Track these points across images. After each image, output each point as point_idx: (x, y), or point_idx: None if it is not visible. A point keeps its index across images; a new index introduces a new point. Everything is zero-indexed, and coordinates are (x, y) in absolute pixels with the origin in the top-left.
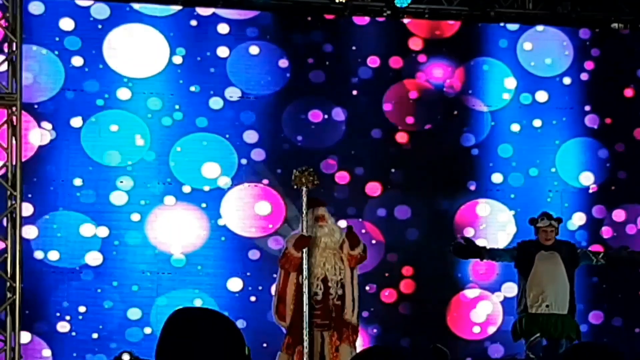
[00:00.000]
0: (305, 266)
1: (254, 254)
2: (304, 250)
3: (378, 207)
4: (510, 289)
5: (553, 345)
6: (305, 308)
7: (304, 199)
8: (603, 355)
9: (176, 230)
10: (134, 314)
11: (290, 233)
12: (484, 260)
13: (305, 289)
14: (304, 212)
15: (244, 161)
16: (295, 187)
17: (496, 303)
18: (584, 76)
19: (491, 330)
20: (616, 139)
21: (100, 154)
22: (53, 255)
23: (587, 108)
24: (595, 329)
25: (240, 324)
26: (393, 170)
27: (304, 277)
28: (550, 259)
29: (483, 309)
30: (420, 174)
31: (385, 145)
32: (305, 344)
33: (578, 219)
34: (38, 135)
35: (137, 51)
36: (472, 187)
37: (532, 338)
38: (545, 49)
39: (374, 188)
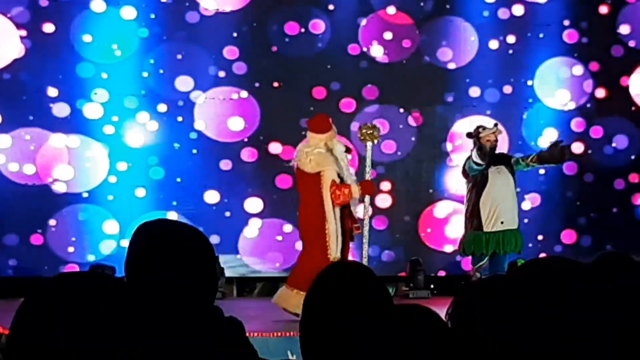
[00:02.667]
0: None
1: (226, 165)
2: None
3: (351, 122)
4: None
5: (498, 261)
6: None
7: (369, 152)
8: (559, 268)
9: (150, 142)
10: (109, 226)
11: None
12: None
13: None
14: (368, 169)
15: (221, 74)
16: (361, 140)
17: None
18: None
19: None
20: (592, 57)
21: (74, 64)
22: (27, 169)
23: (566, 23)
24: (567, 247)
25: (216, 239)
26: (369, 85)
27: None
28: (501, 174)
29: (456, 224)
30: (397, 89)
31: (361, 60)
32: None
33: (552, 136)
34: (11, 45)
35: None
36: (450, 99)
37: (481, 263)
38: None
39: (348, 104)
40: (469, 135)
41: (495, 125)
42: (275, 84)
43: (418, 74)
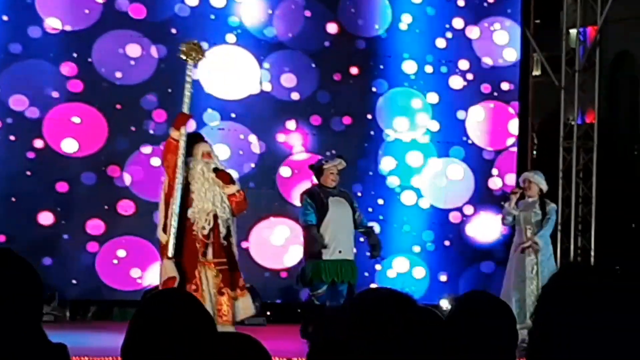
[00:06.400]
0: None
1: (62, 187)
2: (183, 139)
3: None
4: None
5: (335, 291)
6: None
7: (190, 72)
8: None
9: None
10: None
11: None
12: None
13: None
14: (189, 87)
15: (55, 94)
16: (183, 58)
17: None
18: (402, 26)
19: None
20: (431, 88)
21: None
22: None
23: (405, 56)
24: (400, 275)
25: (49, 260)
26: (209, 109)
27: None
28: (341, 203)
29: (294, 251)
30: (238, 115)
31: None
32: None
33: (388, 164)
34: None
35: None
36: (292, 127)
37: (320, 291)
38: None
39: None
40: (311, 167)
41: (339, 157)
42: (118, 106)
43: (261, 101)
